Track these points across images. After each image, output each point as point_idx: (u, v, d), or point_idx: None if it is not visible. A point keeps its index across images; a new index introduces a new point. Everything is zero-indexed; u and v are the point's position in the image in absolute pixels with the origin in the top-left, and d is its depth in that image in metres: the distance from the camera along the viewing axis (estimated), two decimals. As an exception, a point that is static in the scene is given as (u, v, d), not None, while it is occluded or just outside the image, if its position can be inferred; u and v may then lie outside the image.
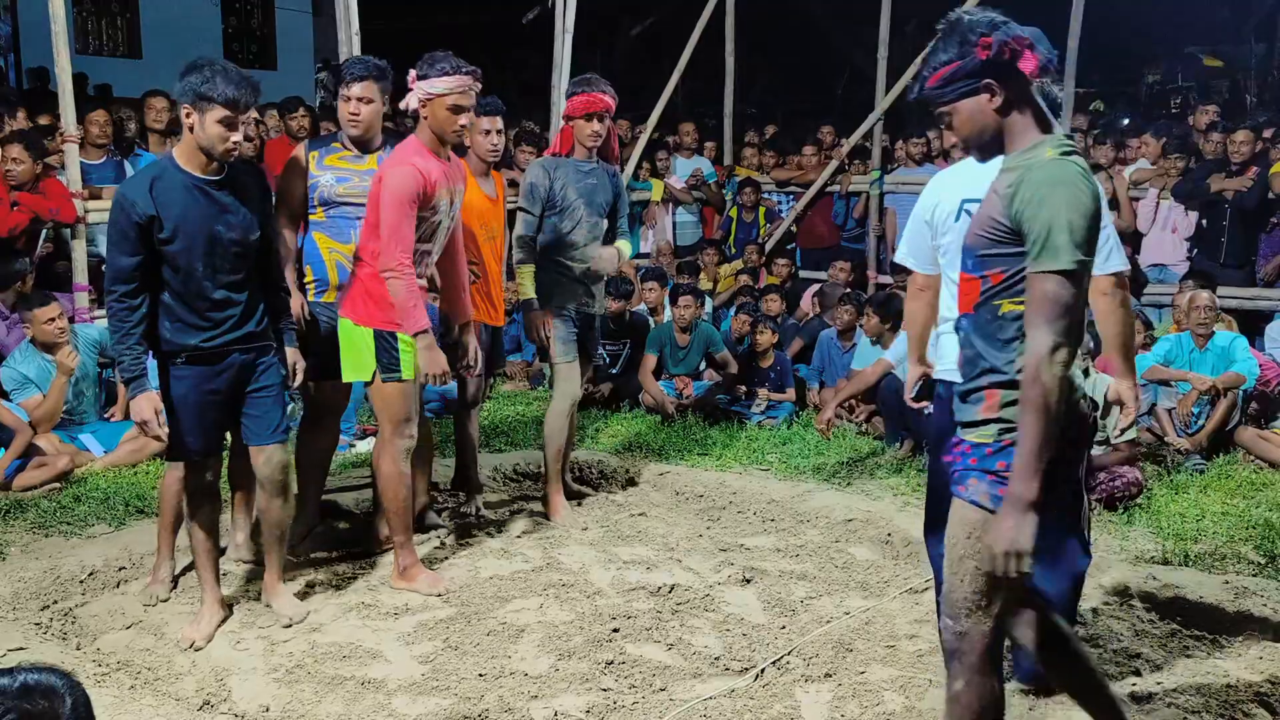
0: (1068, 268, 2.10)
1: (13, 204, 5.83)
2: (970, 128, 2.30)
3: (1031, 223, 2.14)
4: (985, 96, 2.27)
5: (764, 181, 9.55)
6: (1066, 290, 2.11)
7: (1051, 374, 2.11)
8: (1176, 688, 3.31)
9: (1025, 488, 2.15)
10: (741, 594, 4.05)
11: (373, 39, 8.29)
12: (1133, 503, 5.02)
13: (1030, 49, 2.20)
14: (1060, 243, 2.10)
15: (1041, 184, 2.15)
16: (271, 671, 3.46)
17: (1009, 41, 2.20)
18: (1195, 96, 15.22)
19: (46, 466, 5.19)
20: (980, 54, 2.21)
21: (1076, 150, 2.24)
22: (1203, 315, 6.01)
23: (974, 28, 2.23)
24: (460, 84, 3.92)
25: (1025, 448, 2.16)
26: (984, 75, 2.24)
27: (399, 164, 3.88)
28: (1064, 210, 2.11)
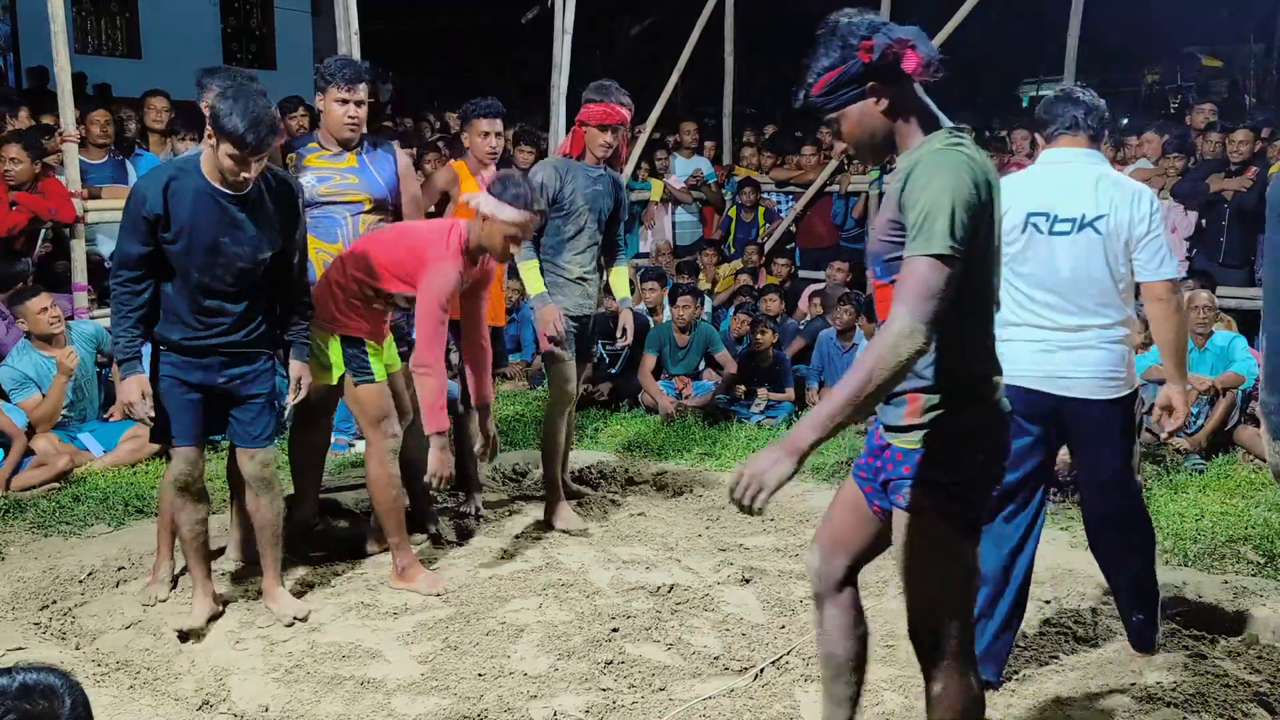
0: (940, 252, 2.06)
1: (11, 204, 5.83)
2: (859, 132, 2.28)
3: (911, 209, 2.13)
4: (872, 100, 2.25)
5: (763, 181, 9.55)
6: (936, 275, 2.07)
7: (895, 352, 2.04)
8: (1176, 687, 3.32)
9: (803, 435, 2.09)
10: (741, 594, 4.06)
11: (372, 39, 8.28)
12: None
13: (912, 49, 2.19)
14: (936, 228, 2.07)
15: (923, 173, 2.13)
16: (271, 671, 3.46)
17: (891, 43, 2.19)
18: (1194, 96, 15.23)
19: (46, 466, 5.19)
20: (863, 57, 2.19)
21: (965, 141, 2.22)
22: (1201, 315, 6.01)
23: (854, 31, 2.22)
24: (525, 220, 3.95)
25: (827, 403, 2.10)
26: (868, 78, 2.22)
27: (444, 261, 3.89)
28: (943, 196, 2.08)
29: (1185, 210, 7.65)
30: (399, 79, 20.38)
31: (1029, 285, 3.26)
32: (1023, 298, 3.27)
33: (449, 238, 3.94)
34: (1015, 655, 3.53)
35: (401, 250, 3.98)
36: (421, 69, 21.81)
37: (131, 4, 16.91)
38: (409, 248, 3.97)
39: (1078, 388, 3.23)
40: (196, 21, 16.97)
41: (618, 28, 20.15)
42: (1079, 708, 3.22)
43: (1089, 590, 4.09)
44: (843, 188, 9.15)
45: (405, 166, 4.60)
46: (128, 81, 12.34)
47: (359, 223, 4.38)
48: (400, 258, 3.96)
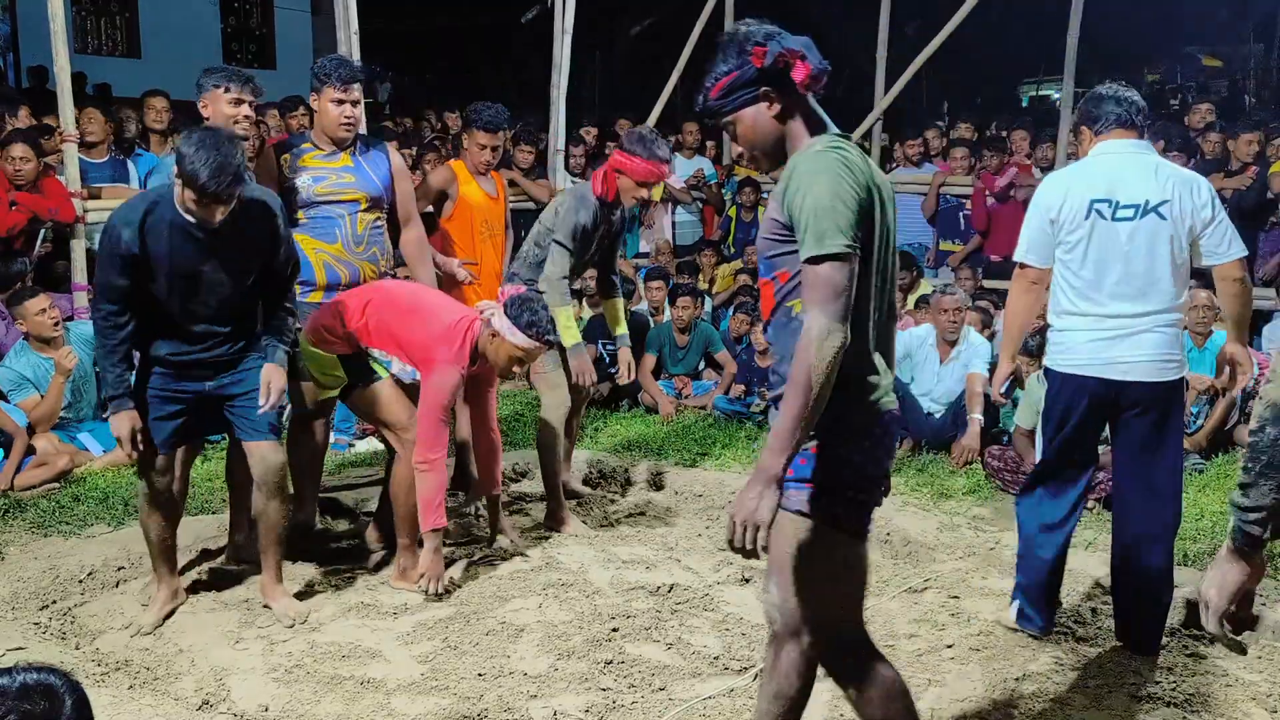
0: (836, 251, 2.13)
1: (11, 203, 5.82)
2: (753, 135, 2.36)
3: (799, 214, 2.19)
4: (764, 105, 2.33)
5: (764, 181, 9.54)
6: (837, 274, 2.13)
7: (820, 355, 2.11)
8: (1176, 687, 3.32)
9: (772, 461, 2.15)
10: (741, 593, 4.05)
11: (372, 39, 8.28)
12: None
13: (802, 59, 2.26)
14: (827, 228, 2.13)
15: (804, 176, 2.20)
16: (270, 671, 3.45)
17: (782, 52, 2.27)
18: (1193, 96, 15.23)
19: (45, 466, 5.19)
20: (755, 62, 2.27)
21: (845, 146, 2.28)
22: (1201, 314, 6.01)
23: (750, 38, 2.30)
24: (535, 349, 3.97)
25: (780, 424, 2.16)
26: (761, 84, 2.30)
27: (449, 363, 3.91)
28: (825, 197, 2.15)
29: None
30: (399, 79, 20.40)
31: (1092, 272, 3.39)
32: (1082, 285, 3.40)
33: (461, 339, 3.96)
34: (1014, 657, 3.54)
35: (418, 331, 3.99)
36: (421, 69, 21.84)
37: (131, 4, 16.93)
38: (424, 338, 3.97)
39: (1136, 371, 3.37)
40: (196, 21, 16.99)
41: (618, 28, 20.14)
42: (1079, 708, 3.22)
43: (1089, 590, 4.09)
44: (843, 187, 9.14)
45: (399, 165, 4.60)
46: (127, 81, 12.35)
47: (356, 221, 4.38)
48: (412, 338, 3.99)
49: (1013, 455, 5.38)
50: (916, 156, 8.96)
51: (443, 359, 3.92)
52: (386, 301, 4.07)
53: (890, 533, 4.71)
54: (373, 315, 4.02)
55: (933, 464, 5.77)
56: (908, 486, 5.41)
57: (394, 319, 4.02)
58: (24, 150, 5.91)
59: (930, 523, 4.88)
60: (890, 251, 2.33)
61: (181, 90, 6.22)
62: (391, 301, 4.08)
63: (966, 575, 4.26)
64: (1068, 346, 3.45)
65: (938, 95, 18.49)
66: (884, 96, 8.84)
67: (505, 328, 3.90)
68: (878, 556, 4.46)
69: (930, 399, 6.15)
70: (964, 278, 7.73)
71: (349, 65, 4.34)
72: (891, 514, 4.96)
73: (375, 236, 4.48)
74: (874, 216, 2.23)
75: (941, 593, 4.08)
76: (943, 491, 5.33)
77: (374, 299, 4.07)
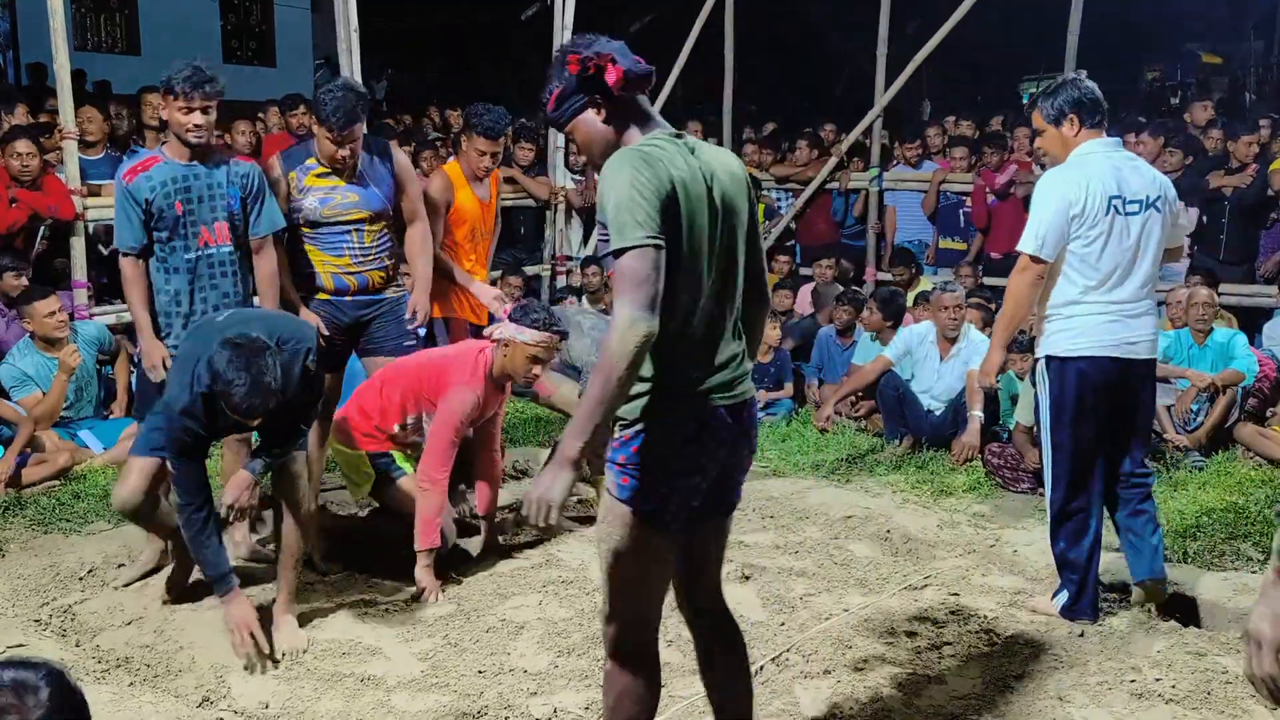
0: (635, 244, 2.17)
1: (11, 200, 5.81)
2: (588, 140, 2.41)
3: (605, 211, 2.25)
4: (593, 111, 2.39)
5: (763, 179, 9.53)
6: (639, 264, 2.17)
7: (621, 344, 2.15)
8: (1175, 685, 3.32)
9: (569, 445, 2.21)
10: (740, 591, 4.05)
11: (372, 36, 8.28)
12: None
13: (613, 62, 2.31)
14: (624, 222, 2.18)
15: (607, 176, 2.25)
16: (271, 668, 3.46)
17: (592, 57, 2.32)
18: (1194, 93, 15.22)
19: (46, 463, 5.19)
20: (571, 69, 2.34)
21: (660, 140, 2.32)
22: (1201, 311, 6.01)
23: (565, 50, 2.39)
24: (547, 340, 4.02)
25: (580, 409, 2.23)
26: (583, 91, 2.36)
27: (465, 385, 4.03)
28: (624, 193, 2.20)
29: (1186, 207, 7.63)
30: (398, 76, 20.38)
31: (1109, 263, 3.60)
32: (1098, 276, 3.60)
33: (474, 363, 4.09)
34: (1014, 654, 3.54)
35: (433, 368, 4.16)
36: (421, 66, 21.80)
37: (131, 1, 16.90)
38: (441, 367, 4.15)
39: (1141, 349, 3.67)
40: (196, 18, 16.96)
41: (617, 25, 20.11)
42: (1079, 705, 3.22)
43: (1089, 587, 4.09)
44: (842, 185, 9.14)
45: (402, 165, 4.57)
46: (127, 78, 12.33)
47: (363, 236, 4.40)
48: (429, 375, 4.15)
49: (1013, 453, 5.38)
50: (913, 159, 8.97)
51: (458, 381, 4.05)
52: (397, 371, 4.28)
53: (890, 530, 4.71)
54: (389, 387, 4.21)
55: (933, 461, 5.78)
56: (908, 483, 5.42)
57: (409, 375, 4.20)
58: (28, 146, 5.90)
59: (930, 520, 4.89)
60: (726, 240, 2.36)
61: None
62: (402, 368, 4.28)
63: (967, 573, 4.26)
64: (1080, 331, 3.61)
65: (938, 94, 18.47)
66: (883, 94, 8.83)
67: (513, 332, 4.00)
68: (877, 553, 4.47)
69: (930, 396, 6.15)
70: (964, 275, 7.73)
71: (346, 112, 4.17)
72: (891, 510, 4.97)
73: (382, 245, 4.50)
74: (680, 208, 2.25)
75: (941, 590, 4.08)
76: (943, 489, 5.33)
77: (386, 376, 4.27)
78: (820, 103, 16.35)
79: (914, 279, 7.95)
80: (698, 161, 2.33)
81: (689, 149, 2.34)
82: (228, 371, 3.19)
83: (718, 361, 2.36)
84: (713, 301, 2.35)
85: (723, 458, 2.40)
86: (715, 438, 2.36)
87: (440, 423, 4.01)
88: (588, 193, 8.61)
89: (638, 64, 2.34)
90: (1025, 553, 4.48)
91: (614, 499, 2.36)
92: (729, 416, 2.37)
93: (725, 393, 2.36)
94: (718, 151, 2.45)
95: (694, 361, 2.34)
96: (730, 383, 2.38)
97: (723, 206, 2.35)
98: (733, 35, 10.05)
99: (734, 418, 2.39)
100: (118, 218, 4.08)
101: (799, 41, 19.39)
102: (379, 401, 4.22)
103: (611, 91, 2.33)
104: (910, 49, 8.62)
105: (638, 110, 2.39)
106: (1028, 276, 3.62)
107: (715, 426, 2.36)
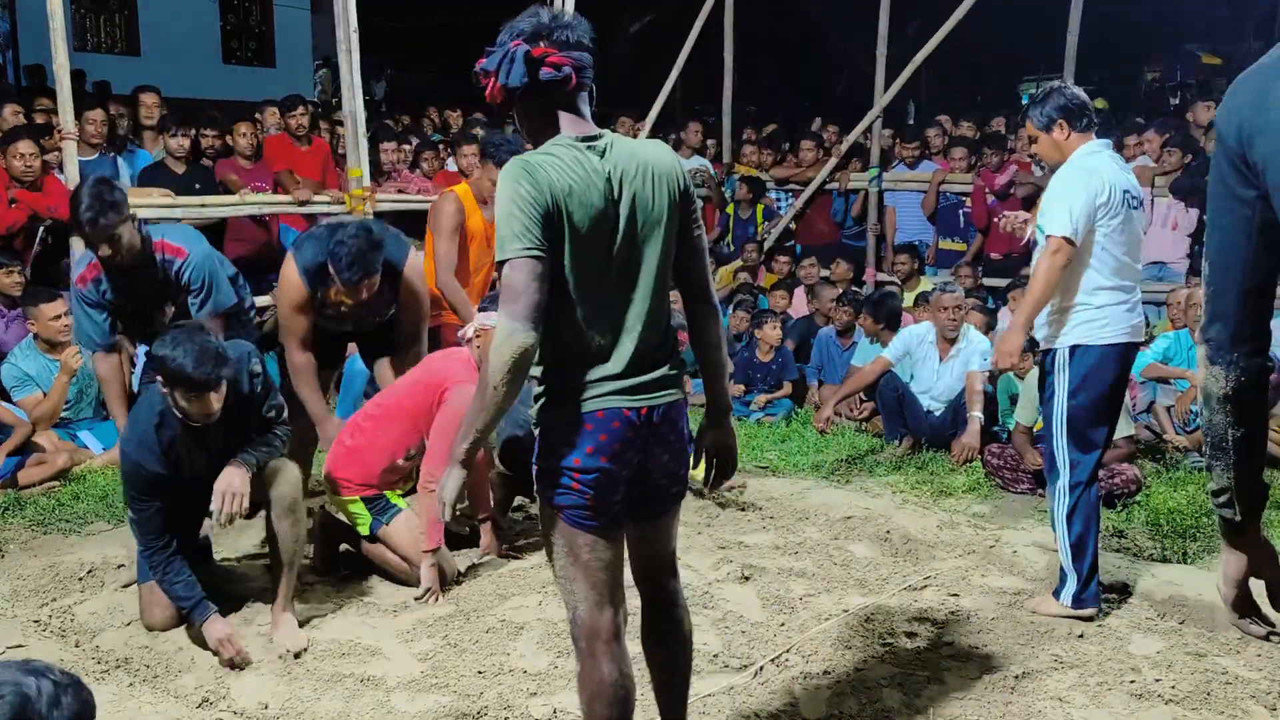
0: (513, 255, 2.24)
1: (11, 201, 5.81)
2: (530, 139, 2.48)
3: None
4: (514, 124, 2.55)
5: (764, 179, 9.53)
6: (517, 276, 2.23)
7: (499, 355, 2.23)
8: (1175, 685, 3.32)
9: (456, 448, 2.38)
10: (740, 591, 4.05)
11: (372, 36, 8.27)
12: (1131, 500, 5.03)
13: (492, 76, 2.37)
14: (503, 235, 2.26)
15: (497, 191, 2.33)
16: (270, 668, 3.46)
17: (479, 73, 2.40)
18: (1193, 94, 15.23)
19: (46, 464, 5.19)
20: (484, 82, 2.42)
21: (551, 148, 2.34)
22: (1198, 312, 6.00)
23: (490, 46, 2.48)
24: None
25: (469, 412, 2.37)
26: (500, 100, 2.41)
27: (466, 383, 4.02)
28: (504, 205, 2.26)
29: (1186, 207, 7.65)
30: (398, 76, 20.38)
31: (1124, 252, 3.79)
32: (1117, 265, 3.78)
33: (466, 362, 4.15)
34: (1014, 654, 3.54)
35: (424, 388, 4.15)
36: (421, 66, 21.81)
37: (130, 1, 16.90)
38: (429, 383, 4.15)
39: (1140, 332, 3.88)
40: (195, 19, 16.98)
41: (617, 25, 20.13)
42: (1078, 706, 3.22)
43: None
44: (842, 185, 9.15)
45: (409, 293, 4.50)
46: (127, 79, 12.32)
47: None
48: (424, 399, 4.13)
49: (1012, 453, 5.38)
50: (911, 159, 8.97)
51: (457, 380, 4.07)
52: (387, 399, 4.26)
53: (890, 530, 4.71)
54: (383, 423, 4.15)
55: (932, 462, 5.78)
56: (908, 484, 5.42)
57: (403, 399, 4.18)
58: (31, 147, 5.89)
59: (930, 520, 4.89)
60: (634, 244, 2.36)
61: (180, 88, 6.23)
62: (391, 395, 4.27)
63: (966, 573, 4.26)
64: (1108, 320, 3.76)
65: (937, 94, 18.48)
66: (883, 94, 8.83)
67: (482, 323, 4.06)
68: (877, 554, 4.47)
69: (930, 397, 6.15)
70: (964, 276, 7.73)
71: (357, 266, 4.10)
72: (891, 511, 4.97)
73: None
74: (564, 217, 2.28)
75: (941, 591, 4.08)
76: (943, 489, 5.34)
77: (371, 413, 4.24)
78: (820, 103, 16.35)
79: (917, 272, 7.96)
80: (605, 164, 2.33)
81: (599, 151, 2.34)
82: (173, 352, 3.27)
83: (621, 366, 2.36)
84: (614, 306, 2.36)
85: (630, 460, 2.39)
86: (619, 439, 2.36)
87: (445, 421, 4.00)
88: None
89: (509, 78, 2.32)
90: (1025, 553, 4.48)
91: (539, 496, 2.45)
92: (636, 418, 2.37)
93: (629, 395, 2.36)
94: (642, 148, 2.41)
95: (590, 365, 2.35)
96: (637, 386, 2.37)
97: (630, 209, 2.34)
98: (732, 34, 10.06)
99: (643, 420, 2.38)
100: (78, 319, 4.14)
101: (799, 41, 19.42)
102: (375, 438, 4.13)
103: (530, 102, 2.37)
104: (910, 49, 8.62)
105: (542, 114, 2.39)
106: (1060, 259, 3.71)
107: (616, 429, 2.35)
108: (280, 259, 7.42)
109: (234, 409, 3.50)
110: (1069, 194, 3.70)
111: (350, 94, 6.80)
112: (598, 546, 2.41)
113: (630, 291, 2.37)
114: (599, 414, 2.34)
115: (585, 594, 2.43)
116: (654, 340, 2.41)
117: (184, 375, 3.27)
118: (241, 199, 6.82)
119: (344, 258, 4.07)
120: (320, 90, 17.57)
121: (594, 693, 2.44)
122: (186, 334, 3.35)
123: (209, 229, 7.16)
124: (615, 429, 2.35)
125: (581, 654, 2.46)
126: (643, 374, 2.38)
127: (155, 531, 3.53)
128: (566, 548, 2.41)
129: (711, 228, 9.69)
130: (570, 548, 2.41)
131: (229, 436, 3.57)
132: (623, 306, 2.37)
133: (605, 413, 2.34)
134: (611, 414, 2.35)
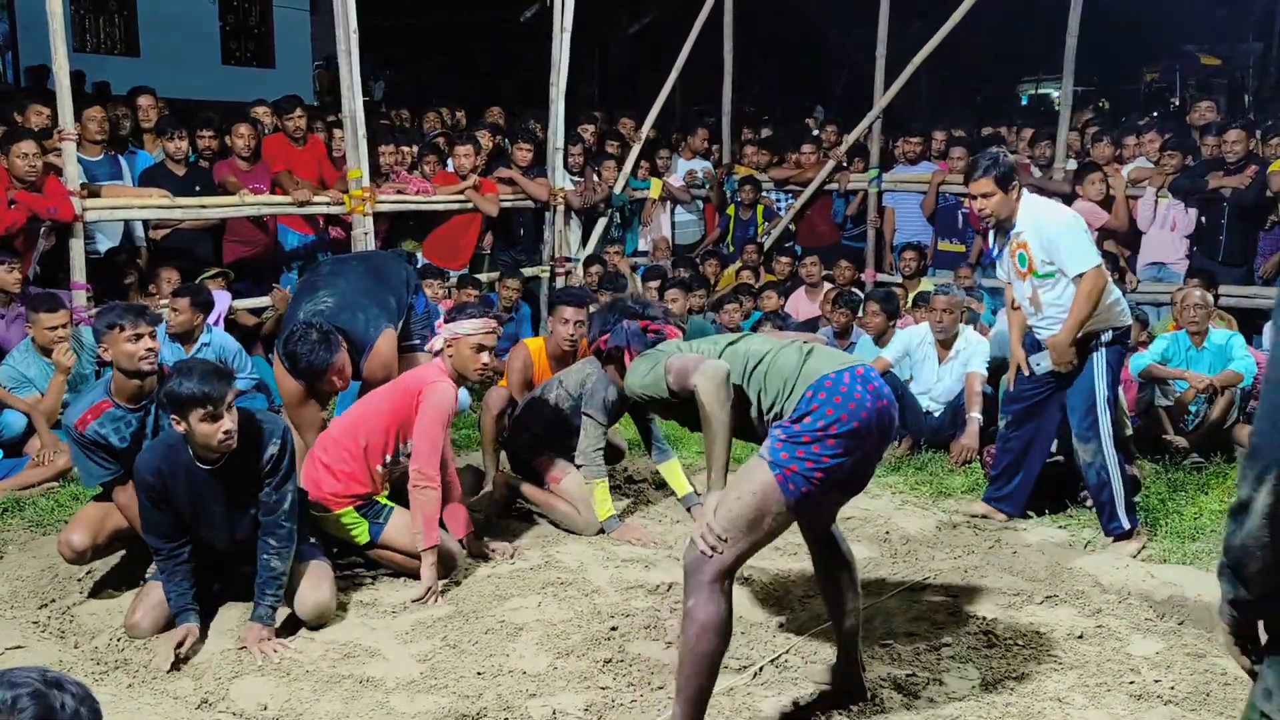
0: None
1: (10, 201, 5.81)
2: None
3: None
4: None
5: (763, 180, 9.54)
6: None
7: (710, 389, 2.91)
8: (1175, 686, 3.32)
9: (715, 478, 3.01)
10: (740, 591, 4.05)
11: (371, 36, 8.26)
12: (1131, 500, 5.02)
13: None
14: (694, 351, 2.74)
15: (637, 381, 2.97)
16: (269, 670, 3.45)
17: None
18: (1192, 95, 15.24)
19: (44, 465, 5.19)
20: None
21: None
22: (1193, 314, 6.00)
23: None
24: (485, 326, 4.11)
25: (712, 450, 3.06)
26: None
27: (439, 382, 4.09)
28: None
29: (1185, 208, 7.65)
30: (397, 75, 20.38)
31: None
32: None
33: (438, 367, 4.17)
34: (1013, 655, 3.54)
35: (403, 393, 4.16)
36: (419, 64, 21.82)
37: (130, 2, 16.89)
38: (407, 389, 4.16)
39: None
40: (195, 20, 16.96)
41: (617, 25, 20.11)
42: (1078, 706, 3.22)
43: (1089, 590, 4.09)
44: (842, 186, 9.15)
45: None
46: (126, 79, 12.32)
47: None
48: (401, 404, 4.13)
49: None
50: (911, 157, 8.97)
51: (432, 380, 4.11)
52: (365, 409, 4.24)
53: (888, 531, 4.71)
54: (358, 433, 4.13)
55: (932, 462, 5.77)
56: (907, 485, 5.42)
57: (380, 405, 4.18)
58: (33, 147, 5.88)
59: (929, 521, 4.89)
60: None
61: (180, 89, 6.23)
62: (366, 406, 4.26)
63: (965, 574, 4.26)
64: (1125, 309, 4.60)
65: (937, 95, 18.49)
66: (882, 94, 8.83)
67: (452, 330, 4.10)
68: (875, 554, 4.47)
69: (929, 398, 6.15)
70: (963, 277, 7.73)
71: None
72: (890, 512, 4.97)
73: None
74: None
75: (941, 591, 4.08)
76: (942, 490, 5.33)
77: (346, 425, 4.22)
78: (820, 103, 16.35)
79: (920, 270, 7.96)
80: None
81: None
82: (174, 385, 3.40)
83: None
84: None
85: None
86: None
87: (426, 421, 4.04)
88: (586, 194, 8.61)
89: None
90: (1024, 554, 4.48)
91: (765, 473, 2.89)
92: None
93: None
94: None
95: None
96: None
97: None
98: (732, 35, 10.06)
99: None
100: (79, 463, 3.97)
101: (799, 41, 19.43)
102: (351, 448, 4.11)
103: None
104: (911, 49, 8.62)
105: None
106: (1101, 282, 4.39)
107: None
108: (279, 259, 7.48)
109: (246, 464, 3.58)
110: (1078, 236, 4.39)
111: (350, 95, 6.79)
112: (788, 521, 2.86)
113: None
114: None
115: (746, 551, 2.82)
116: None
117: (185, 395, 3.37)
118: (241, 200, 6.81)
119: (301, 358, 4.27)
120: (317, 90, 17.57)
121: (707, 624, 2.76)
122: (186, 363, 3.57)
123: (209, 230, 7.19)
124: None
125: (702, 588, 2.76)
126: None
127: (161, 539, 3.66)
128: (761, 514, 2.80)
129: (711, 229, 9.70)
130: (767, 515, 2.80)
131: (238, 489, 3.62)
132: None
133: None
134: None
